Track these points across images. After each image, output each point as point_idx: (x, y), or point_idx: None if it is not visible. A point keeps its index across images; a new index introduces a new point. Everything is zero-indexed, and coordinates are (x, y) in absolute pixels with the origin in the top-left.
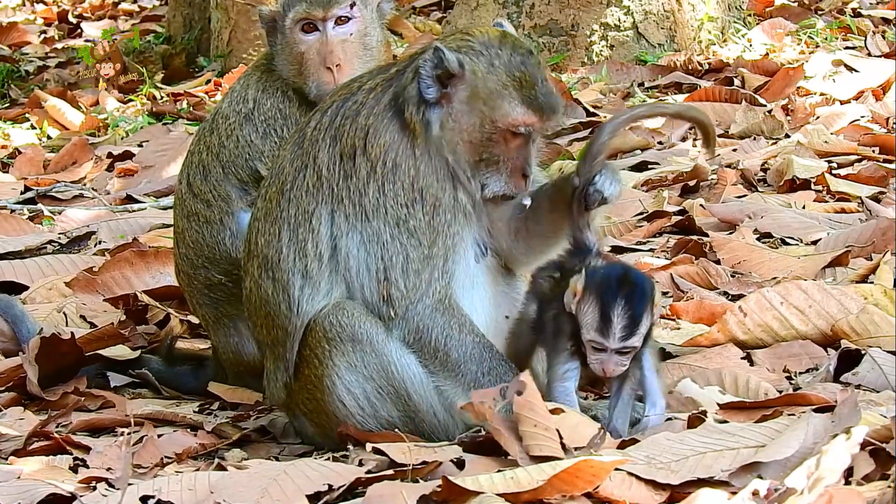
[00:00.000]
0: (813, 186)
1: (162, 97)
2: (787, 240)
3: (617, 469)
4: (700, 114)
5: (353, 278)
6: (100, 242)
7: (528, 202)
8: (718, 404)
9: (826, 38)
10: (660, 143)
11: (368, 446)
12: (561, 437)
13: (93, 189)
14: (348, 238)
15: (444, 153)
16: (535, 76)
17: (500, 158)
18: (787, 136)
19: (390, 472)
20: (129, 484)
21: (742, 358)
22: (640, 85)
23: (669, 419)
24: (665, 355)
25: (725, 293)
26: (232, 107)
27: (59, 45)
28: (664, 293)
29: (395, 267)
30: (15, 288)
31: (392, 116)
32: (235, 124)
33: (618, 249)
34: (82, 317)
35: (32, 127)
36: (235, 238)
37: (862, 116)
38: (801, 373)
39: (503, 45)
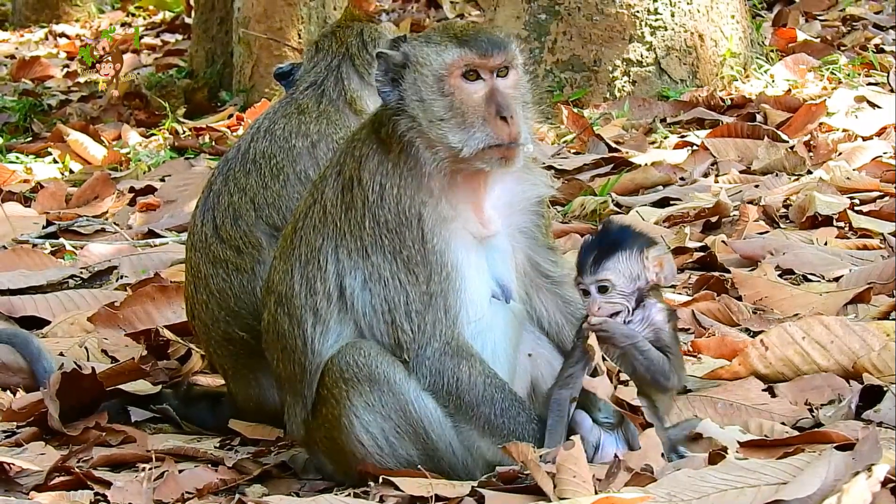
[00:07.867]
0: (835, 223)
1: (184, 131)
2: (809, 276)
3: None
4: None
5: (361, 318)
6: (121, 277)
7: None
8: (739, 442)
9: (849, 75)
10: (682, 178)
11: (380, 478)
12: (596, 490)
13: (115, 224)
14: (352, 277)
15: (420, 156)
16: (468, 25)
17: (466, 109)
18: (810, 172)
19: None
20: None
21: (763, 390)
22: (663, 121)
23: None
24: (685, 389)
25: (747, 330)
26: (278, 144)
27: (81, 80)
28: (685, 330)
29: (398, 309)
30: (37, 322)
31: (374, 139)
32: (286, 161)
33: None
34: (104, 351)
35: (55, 161)
36: None
37: (884, 153)
38: (822, 405)
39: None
